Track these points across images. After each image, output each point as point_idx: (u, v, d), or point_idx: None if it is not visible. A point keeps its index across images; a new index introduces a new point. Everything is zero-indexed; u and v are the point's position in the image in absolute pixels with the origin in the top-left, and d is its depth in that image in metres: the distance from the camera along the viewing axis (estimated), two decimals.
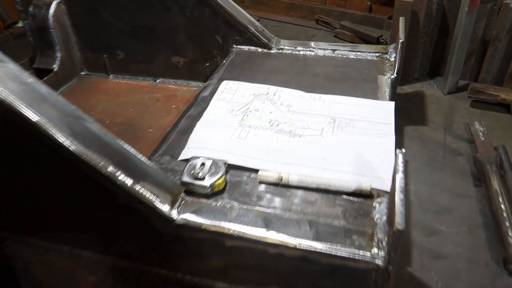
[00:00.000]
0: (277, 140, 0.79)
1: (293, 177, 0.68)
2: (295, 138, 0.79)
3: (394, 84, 0.97)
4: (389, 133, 0.79)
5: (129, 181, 0.61)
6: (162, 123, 1.11)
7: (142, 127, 1.10)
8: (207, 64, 1.21)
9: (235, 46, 1.16)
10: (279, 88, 0.94)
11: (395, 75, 0.97)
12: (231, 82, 0.97)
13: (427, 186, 1.01)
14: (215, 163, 0.71)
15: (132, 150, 0.65)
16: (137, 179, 0.62)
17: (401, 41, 0.93)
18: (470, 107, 1.28)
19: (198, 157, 0.73)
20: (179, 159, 0.76)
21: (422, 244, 0.92)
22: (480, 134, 1.11)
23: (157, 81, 1.29)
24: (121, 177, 0.60)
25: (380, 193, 0.67)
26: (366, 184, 0.66)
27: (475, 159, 1.07)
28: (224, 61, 1.11)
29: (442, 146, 1.12)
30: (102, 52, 1.29)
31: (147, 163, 0.66)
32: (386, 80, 0.97)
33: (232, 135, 0.80)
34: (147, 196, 0.62)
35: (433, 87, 1.39)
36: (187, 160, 0.74)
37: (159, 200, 0.63)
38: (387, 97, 0.91)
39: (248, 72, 1.04)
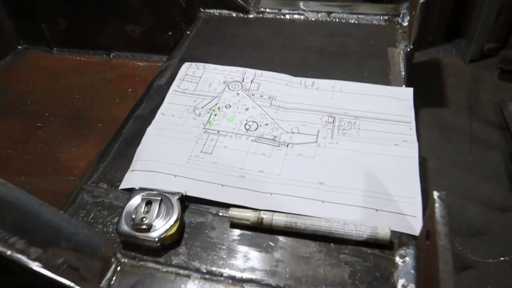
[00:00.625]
0: (255, 153, 0.57)
1: (278, 220, 0.48)
2: (281, 149, 0.57)
3: (409, 59, 0.74)
4: (410, 138, 0.57)
5: (31, 251, 0.40)
6: (115, 114, 0.88)
7: (90, 121, 0.88)
8: (170, 33, 0.96)
9: (202, 10, 0.91)
10: (259, 72, 0.71)
11: (411, 47, 0.74)
12: (194, 64, 0.74)
13: (452, 195, 0.78)
14: (166, 200, 0.50)
15: (34, 200, 0.43)
16: (43, 245, 0.41)
17: (421, 1, 0.69)
18: (499, 79, 1.03)
19: (144, 190, 0.51)
20: (120, 187, 0.55)
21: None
22: None
23: (111, 55, 1.05)
24: (19, 245, 0.39)
25: (403, 238, 0.47)
26: (384, 230, 0.45)
27: None
28: (188, 32, 0.86)
29: (468, 136, 0.89)
30: (39, 21, 1.03)
31: (61, 215, 0.44)
32: (398, 53, 0.74)
33: (194, 149, 0.58)
34: (61, 269, 0.41)
35: (451, 54, 1.13)
36: (130, 190, 0.52)
37: (78, 274, 0.42)
38: (402, 79, 0.68)
39: (218, 47, 0.80)
